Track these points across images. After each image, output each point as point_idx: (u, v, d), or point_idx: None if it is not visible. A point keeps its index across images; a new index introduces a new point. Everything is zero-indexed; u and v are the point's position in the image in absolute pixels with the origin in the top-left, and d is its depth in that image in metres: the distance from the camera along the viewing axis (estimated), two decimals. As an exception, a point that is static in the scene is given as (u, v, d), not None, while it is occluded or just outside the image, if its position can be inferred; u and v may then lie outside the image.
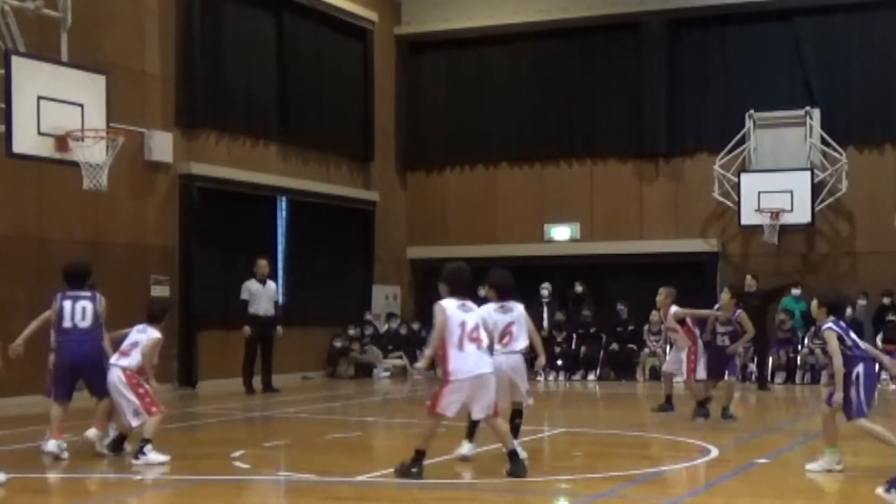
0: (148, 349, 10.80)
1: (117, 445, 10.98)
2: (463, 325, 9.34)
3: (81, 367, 10.90)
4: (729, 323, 14.63)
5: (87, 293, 11.00)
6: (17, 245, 16.61)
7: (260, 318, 19.46)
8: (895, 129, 23.03)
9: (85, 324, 10.87)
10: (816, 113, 23.03)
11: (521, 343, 10.48)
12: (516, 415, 10.66)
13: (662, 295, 14.95)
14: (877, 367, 10.69)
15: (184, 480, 9.90)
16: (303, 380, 22.25)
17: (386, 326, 24.51)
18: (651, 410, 15.31)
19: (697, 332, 14.76)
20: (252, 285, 19.59)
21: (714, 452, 11.12)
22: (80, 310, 10.89)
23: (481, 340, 9.42)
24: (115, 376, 10.68)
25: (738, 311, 14.75)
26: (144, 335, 10.90)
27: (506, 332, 10.45)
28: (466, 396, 9.34)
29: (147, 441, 10.48)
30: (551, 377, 21.92)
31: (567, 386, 20.78)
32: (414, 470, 9.37)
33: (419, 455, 9.43)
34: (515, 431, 10.48)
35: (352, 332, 23.61)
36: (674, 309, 14.73)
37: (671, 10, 24.28)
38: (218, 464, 10.58)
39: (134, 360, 10.75)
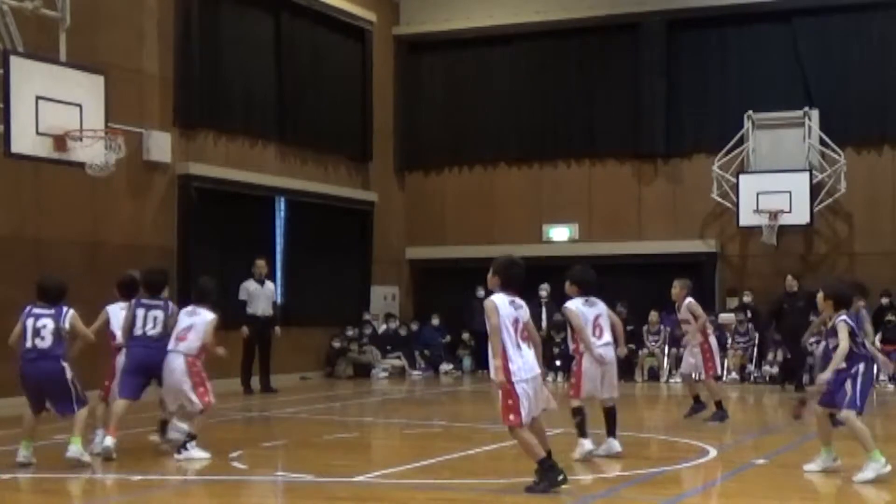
0: (209, 333, 11.07)
1: (163, 431, 11.54)
2: (516, 322, 8.94)
3: (151, 371, 11.11)
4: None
5: (161, 302, 11.32)
6: (15, 245, 16.59)
7: (258, 318, 19.46)
8: (894, 129, 23.02)
9: (154, 332, 11.13)
10: (815, 114, 23.03)
11: (609, 335, 10.89)
12: (609, 412, 10.97)
13: (677, 287, 14.89)
14: (875, 368, 10.66)
15: (182, 480, 9.89)
16: (301, 380, 22.24)
17: (384, 327, 24.51)
18: (684, 417, 14.70)
19: (711, 329, 14.71)
20: (250, 285, 19.60)
21: (712, 453, 11.12)
22: (151, 319, 11.17)
23: (530, 339, 9.14)
24: (177, 362, 10.95)
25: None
26: (198, 317, 11.09)
27: (595, 326, 10.83)
28: (532, 396, 8.89)
29: (193, 437, 10.87)
30: (549, 377, 21.89)
31: (566, 387, 20.74)
32: (556, 476, 8.86)
33: (544, 462, 8.85)
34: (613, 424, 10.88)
35: (350, 332, 23.61)
36: (689, 300, 14.69)
37: (670, 10, 24.28)
38: (216, 464, 10.58)
39: (193, 344, 11.01)
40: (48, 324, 10.32)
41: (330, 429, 13.83)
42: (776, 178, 22.69)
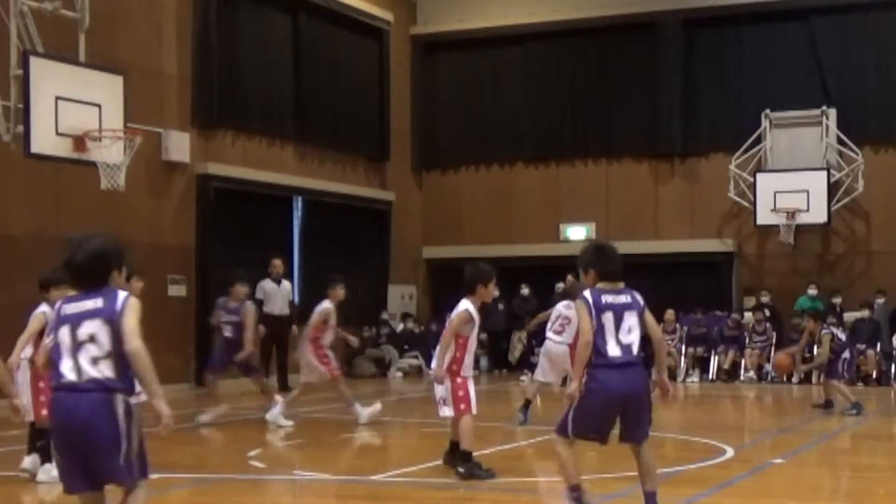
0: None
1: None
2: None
3: None
4: None
5: None
6: (36, 245, 16.67)
7: (275, 317, 19.51)
8: (912, 128, 22.97)
9: None
10: (832, 112, 22.98)
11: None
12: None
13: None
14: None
15: (200, 479, 9.95)
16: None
17: (402, 326, 24.55)
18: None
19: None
20: (267, 285, 19.66)
21: (729, 453, 11.12)
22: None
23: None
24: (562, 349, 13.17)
25: None
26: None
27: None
28: None
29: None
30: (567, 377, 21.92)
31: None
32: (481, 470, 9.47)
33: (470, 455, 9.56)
34: None
35: (367, 333, 23.65)
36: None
37: (686, 9, 24.25)
38: (234, 463, 10.64)
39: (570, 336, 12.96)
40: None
41: (347, 428, 13.87)
42: (793, 177, 22.65)
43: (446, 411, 9.45)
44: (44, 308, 9.62)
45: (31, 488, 9.36)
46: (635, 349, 7.00)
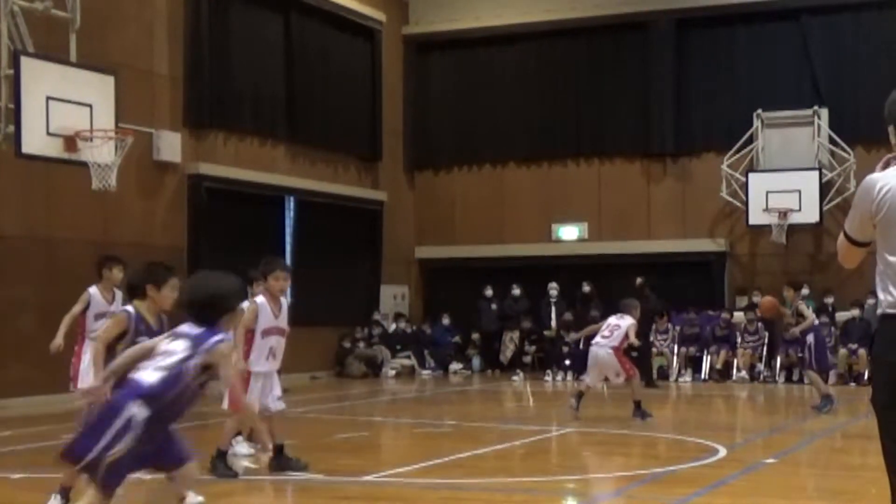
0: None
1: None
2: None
3: None
4: None
5: None
6: (26, 245, 16.66)
7: (268, 317, 19.47)
8: (904, 128, 22.96)
9: None
10: (824, 112, 23.01)
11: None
12: None
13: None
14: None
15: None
16: (311, 379, 22.27)
17: (394, 326, 24.54)
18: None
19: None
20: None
21: (722, 452, 11.13)
22: None
23: None
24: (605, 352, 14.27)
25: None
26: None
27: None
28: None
29: (638, 402, 14.03)
30: (559, 377, 21.93)
31: (575, 386, 20.77)
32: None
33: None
34: None
35: (359, 332, 23.63)
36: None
37: (678, 9, 24.26)
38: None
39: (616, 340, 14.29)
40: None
41: (340, 428, 13.86)
42: (785, 177, 22.68)
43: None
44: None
45: (25, 488, 9.33)
46: None
